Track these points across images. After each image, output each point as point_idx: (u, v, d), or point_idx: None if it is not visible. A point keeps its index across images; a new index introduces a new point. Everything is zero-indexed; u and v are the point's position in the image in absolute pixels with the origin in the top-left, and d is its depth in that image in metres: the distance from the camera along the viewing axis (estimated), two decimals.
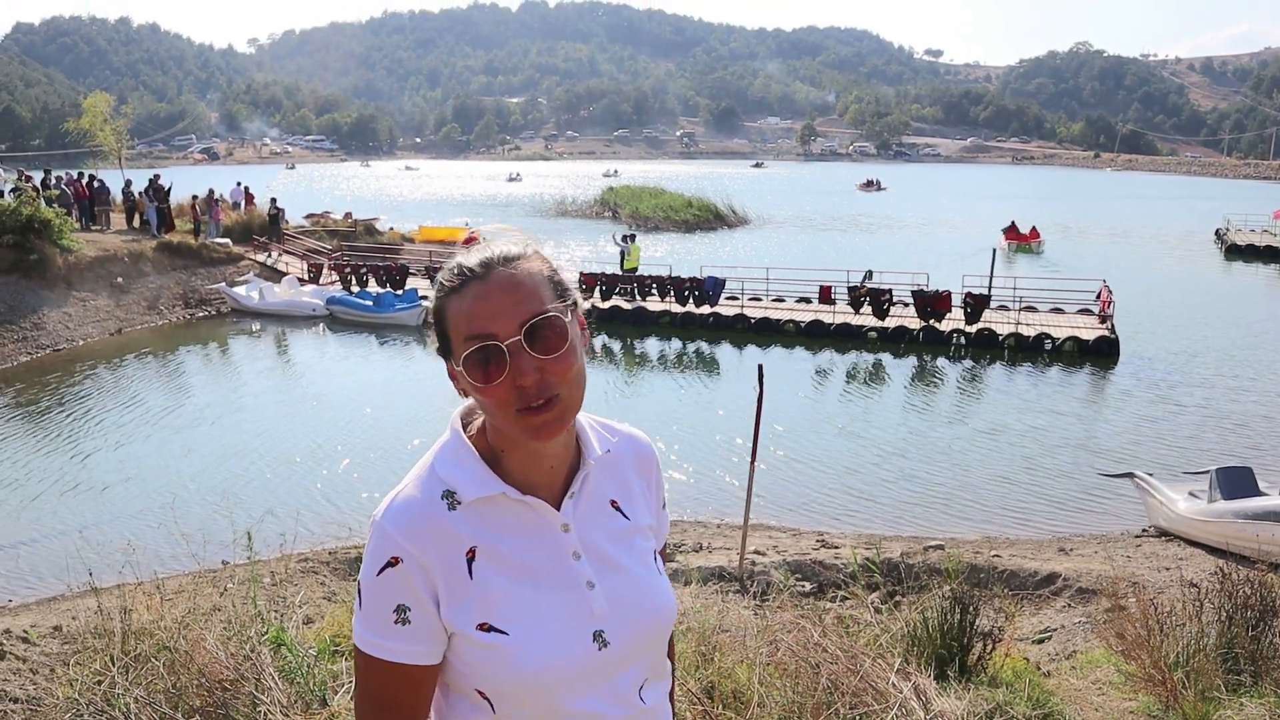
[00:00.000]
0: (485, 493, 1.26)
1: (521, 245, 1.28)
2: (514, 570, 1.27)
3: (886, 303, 19.48)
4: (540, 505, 1.29)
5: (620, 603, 1.31)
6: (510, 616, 1.25)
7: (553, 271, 1.28)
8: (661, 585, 1.39)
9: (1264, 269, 31.73)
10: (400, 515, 1.25)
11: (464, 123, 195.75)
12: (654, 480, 1.47)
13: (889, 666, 3.74)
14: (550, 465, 1.31)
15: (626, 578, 1.34)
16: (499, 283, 1.22)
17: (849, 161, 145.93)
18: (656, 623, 1.36)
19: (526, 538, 1.29)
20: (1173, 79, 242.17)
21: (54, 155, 64.96)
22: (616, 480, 1.40)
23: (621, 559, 1.35)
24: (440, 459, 1.30)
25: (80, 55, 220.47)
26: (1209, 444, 13.04)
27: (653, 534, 1.43)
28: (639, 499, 1.42)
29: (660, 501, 1.48)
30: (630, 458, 1.43)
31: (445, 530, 1.25)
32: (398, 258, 26.43)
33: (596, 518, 1.35)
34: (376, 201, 55.60)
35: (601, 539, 1.34)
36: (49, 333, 18.60)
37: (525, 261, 1.26)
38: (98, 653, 3.93)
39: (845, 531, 10.05)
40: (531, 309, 1.21)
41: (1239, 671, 4.26)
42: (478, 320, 1.21)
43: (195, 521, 9.66)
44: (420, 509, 1.25)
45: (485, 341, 1.20)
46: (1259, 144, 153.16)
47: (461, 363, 1.22)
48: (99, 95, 34.59)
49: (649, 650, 1.36)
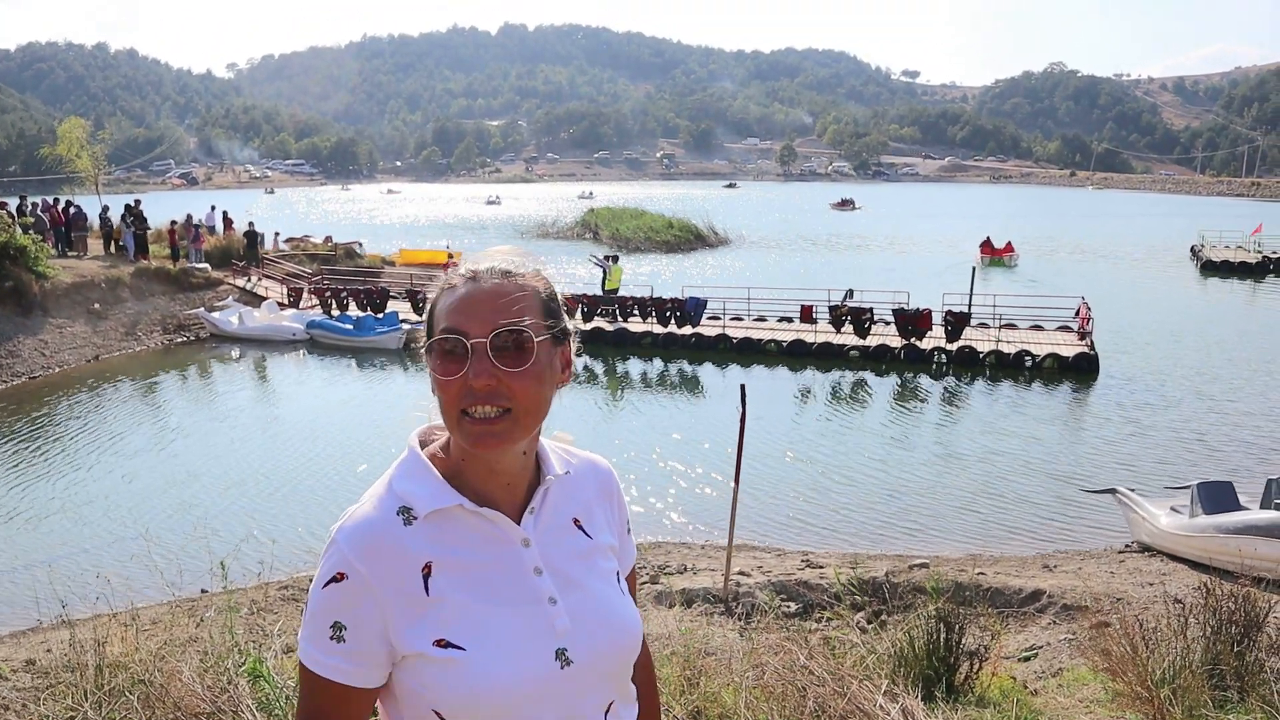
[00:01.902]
0: (441, 504, 1.25)
1: (525, 263, 1.30)
2: (472, 585, 1.25)
3: (868, 321, 19.56)
4: (499, 518, 1.27)
5: (583, 620, 1.29)
6: (468, 631, 1.22)
7: (550, 294, 1.29)
8: (625, 605, 1.37)
9: (1239, 284, 32.10)
10: (354, 532, 1.24)
11: (444, 146, 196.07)
12: (616, 503, 1.46)
13: (876, 688, 3.71)
14: (507, 482, 1.30)
15: (589, 595, 1.32)
16: (488, 289, 1.24)
17: (828, 181, 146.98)
18: (621, 642, 1.34)
19: (485, 552, 1.27)
20: (1146, 98, 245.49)
21: (30, 181, 64.56)
22: (578, 500, 1.39)
23: (584, 577, 1.33)
24: (397, 475, 1.30)
25: (56, 81, 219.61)
26: (1190, 459, 13.12)
27: (615, 555, 1.41)
28: (601, 520, 1.41)
29: (624, 526, 1.47)
30: (591, 480, 1.42)
31: (400, 547, 1.23)
32: (378, 281, 26.35)
33: (558, 535, 1.33)
34: (356, 225, 55.50)
35: (563, 556, 1.32)
36: (25, 360, 18.39)
37: (523, 278, 1.27)
38: (71, 687, 3.84)
39: (830, 551, 10.02)
40: (507, 320, 1.22)
41: (1225, 687, 4.25)
42: (456, 316, 1.22)
43: (172, 550, 9.53)
44: (374, 526, 1.24)
45: (454, 335, 1.21)
46: (1231, 161, 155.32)
47: (428, 348, 1.24)
48: (75, 121, 34.31)
49: (614, 672, 1.34)
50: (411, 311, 22.55)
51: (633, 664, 1.39)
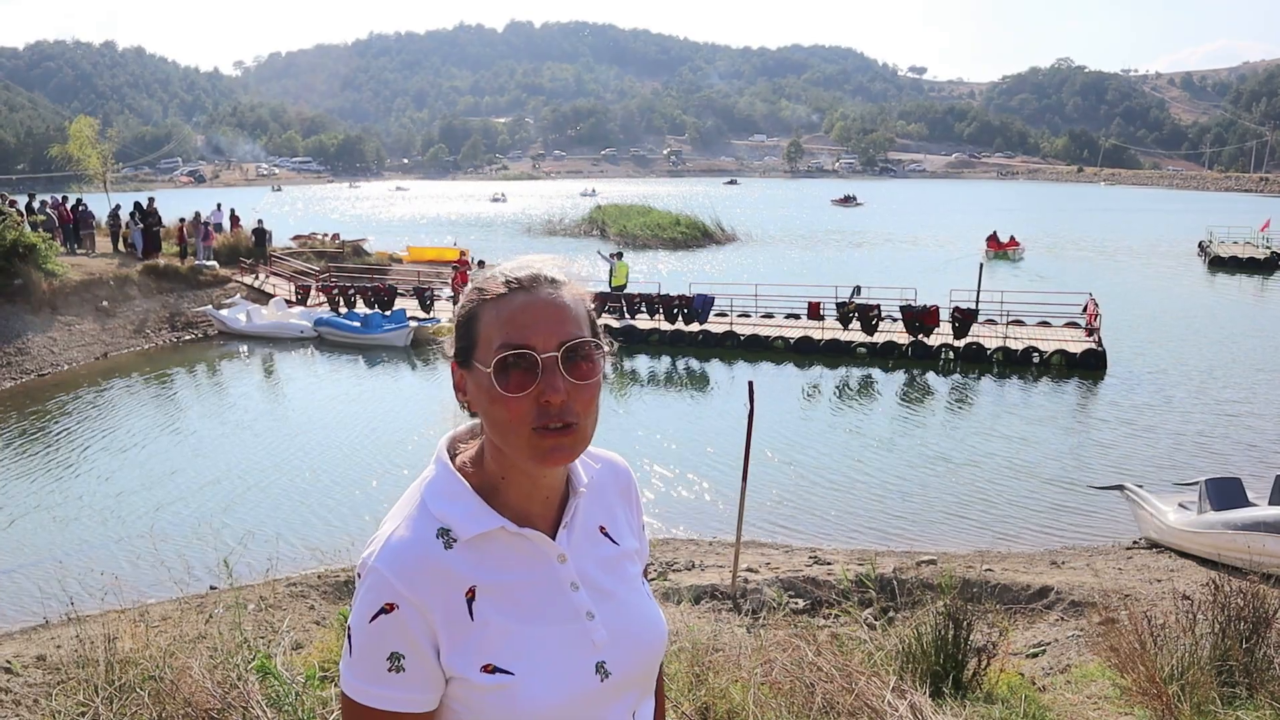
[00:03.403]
0: (483, 528, 1.22)
1: (568, 271, 1.28)
2: (515, 607, 1.23)
3: (875, 318, 19.54)
4: (538, 537, 1.26)
5: (618, 631, 1.29)
6: (514, 655, 1.21)
7: (591, 307, 1.28)
8: (652, 609, 1.37)
9: (1247, 280, 31.96)
10: (396, 559, 1.19)
11: (451, 143, 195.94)
12: (634, 502, 1.45)
13: (884, 684, 3.71)
14: (545, 496, 1.29)
15: (621, 605, 1.32)
16: (545, 299, 1.21)
17: (835, 178, 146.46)
18: (652, 648, 1.34)
19: (526, 572, 1.25)
20: (1153, 94, 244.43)
21: (38, 180, 64.74)
22: (603, 506, 1.38)
23: (614, 586, 1.33)
24: (431, 494, 1.26)
25: (65, 79, 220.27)
26: (1198, 455, 13.07)
27: (639, 557, 1.42)
28: (623, 523, 1.41)
29: (641, 524, 1.47)
30: (611, 482, 1.42)
31: (444, 571, 1.20)
32: (385, 278, 26.38)
33: (589, 546, 1.33)
34: (362, 223, 55.55)
35: (595, 568, 1.32)
36: (33, 357, 18.46)
37: (570, 286, 1.25)
38: (81, 683, 3.86)
39: (837, 547, 10.02)
40: (572, 331, 1.20)
41: (1234, 684, 4.24)
42: (518, 330, 1.18)
43: (181, 547, 9.57)
44: (416, 551, 1.20)
45: (522, 350, 1.18)
46: (1239, 157, 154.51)
47: (492, 366, 1.18)
48: (84, 119, 34.44)
49: (645, 675, 1.35)
50: (419, 309, 22.56)
51: (659, 663, 1.40)
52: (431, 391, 17.35)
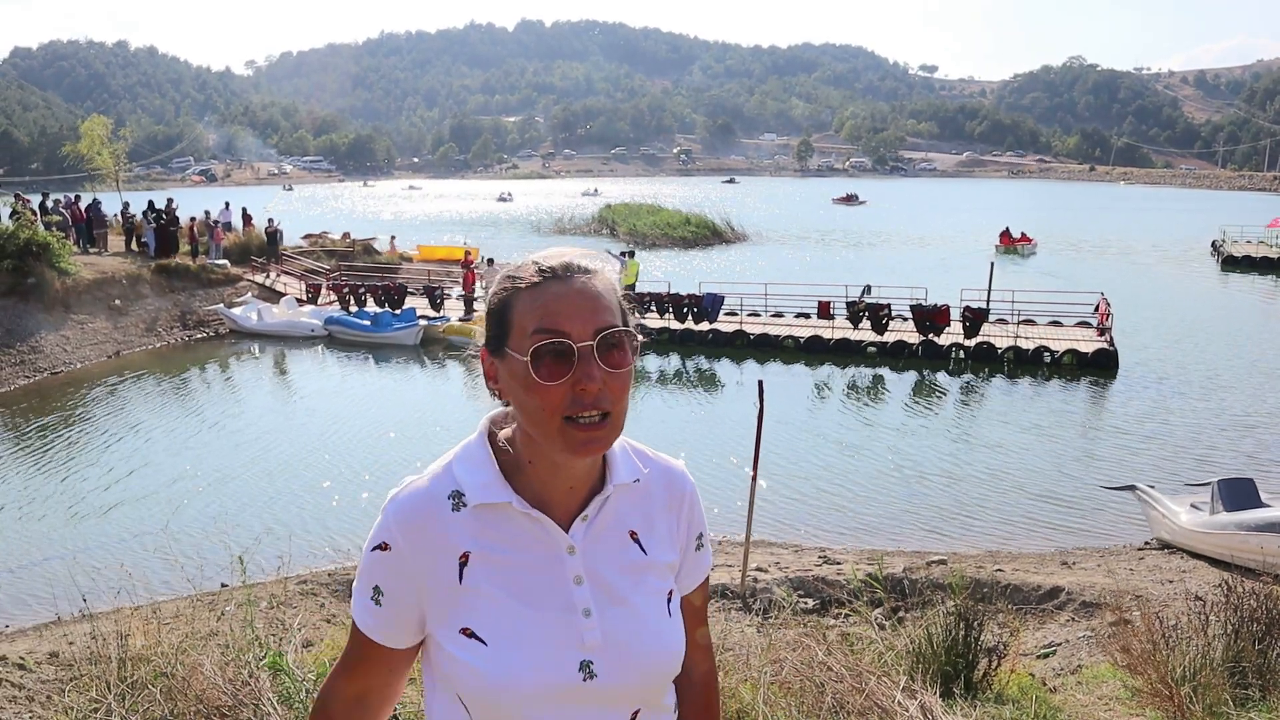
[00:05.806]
0: (492, 499, 1.25)
1: (597, 260, 1.28)
2: (506, 582, 1.24)
3: (885, 317, 19.49)
4: (547, 522, 1.26)
5: (616, 638, 1.26)
6: (492, 627, 1.23)
7: (621, 296, 1.28)
8: (668, 626, 1.33)
9: (1260, 280, 31.80)
10: (403, 508, 1.26)
11: (461, 142, 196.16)
12: (684, 516, 1.41)
13: (894, 684, 3.70)
14: (570, 485, 1.28)
15: (630, 612, 1.29)
16: (579, 287, 1.21)
17: (845, 177, 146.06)
18: (654, 662, 1.30)
19: (527, 552, 1.26)
20: (1166, 92, 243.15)
21: (52, 179, 65.07)
22: (641, 511, 1.35)
23: (629, 593, 1.30)
24: (459, 457, 1.30)
25: (78, 79, 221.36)
26: (1210, 456, 13.01)
27: (672, 573, 1.38)
28: (662, 534, 1.37)
29: (694, 539, 1.43)
30: (661, 491, 1.38)
31: (442, 531, 1.24)
32: (396, 277, 26.43)
33: (610, 546, 1.31)
34: (373, 222, 55.66)
35: (612, 568, 1.29)
36: (46, 356, 18.57)
37: (602, 277, 1.25)
38: (94, 679, 3.88)
39: (847, 547, 10.01)
40: (607, 320, 1.21)
41: (1247, 685, 4.22)
42: (553, 317, 1.18)
43: (192, 544, 9.62)
44: (424, 506, 1.26)
45: (558, 338, 1.18)
46: (1253, 156, 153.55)
47: (529, 354, 1.18)
48: (97, 119, 34.56)
49: (643, 688, 1.30)
50: (429, 308, 22.61)
51: (667, 684, 1.37)
52: (439, 390, 17.38)
